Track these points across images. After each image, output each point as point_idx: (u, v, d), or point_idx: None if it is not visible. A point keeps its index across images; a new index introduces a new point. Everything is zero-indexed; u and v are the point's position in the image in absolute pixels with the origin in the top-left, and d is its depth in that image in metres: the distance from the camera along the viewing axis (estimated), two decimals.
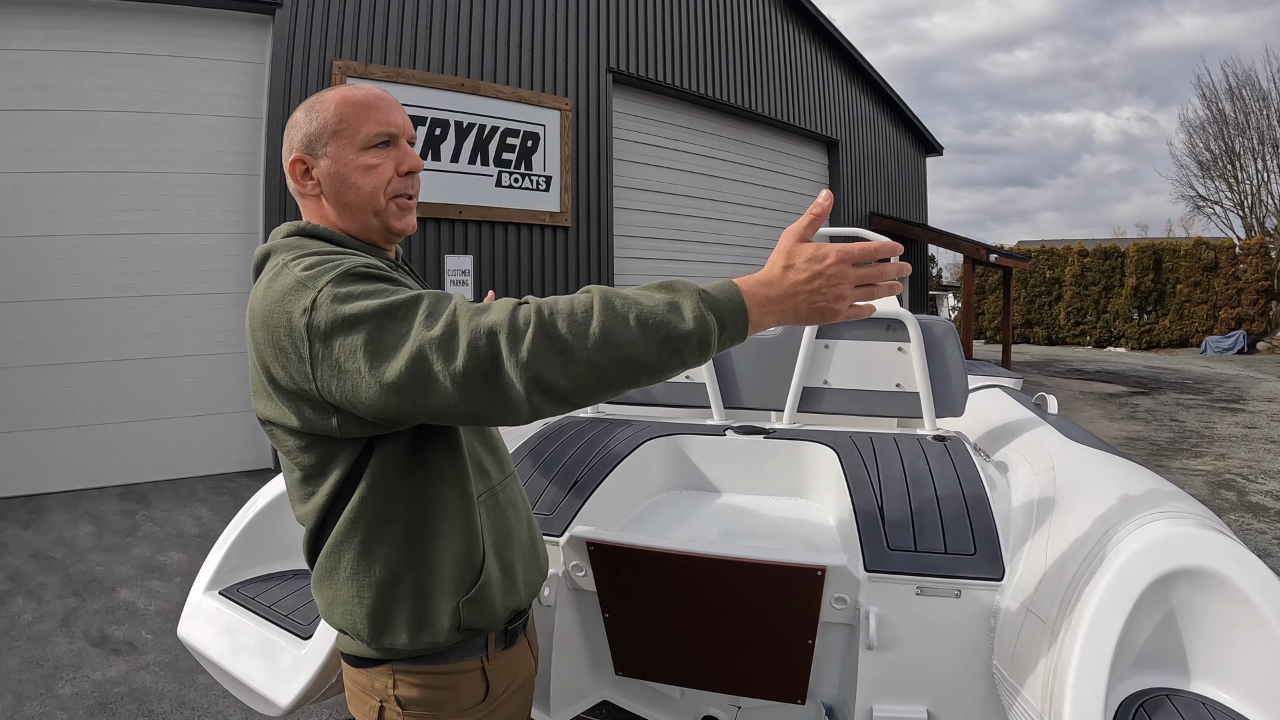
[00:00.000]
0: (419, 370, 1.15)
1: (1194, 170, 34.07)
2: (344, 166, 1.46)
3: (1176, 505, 1.84)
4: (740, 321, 1.22)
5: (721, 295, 1.22)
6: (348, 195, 1.47)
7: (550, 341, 1.14)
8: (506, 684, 1.53)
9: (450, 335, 1.15)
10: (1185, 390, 15.44)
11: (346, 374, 1.20)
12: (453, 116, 9.62)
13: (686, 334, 1.16)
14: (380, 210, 1.49)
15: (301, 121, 1.49)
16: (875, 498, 2.41)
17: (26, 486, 7.33)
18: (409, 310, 1.19)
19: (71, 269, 7.53)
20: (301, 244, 1.43)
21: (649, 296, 1.19)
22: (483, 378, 1.14)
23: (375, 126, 1.46)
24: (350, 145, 1.46)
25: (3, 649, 4.20)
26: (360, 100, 1.47)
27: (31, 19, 7.36)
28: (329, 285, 1.23)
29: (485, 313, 1.17)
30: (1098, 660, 1.53)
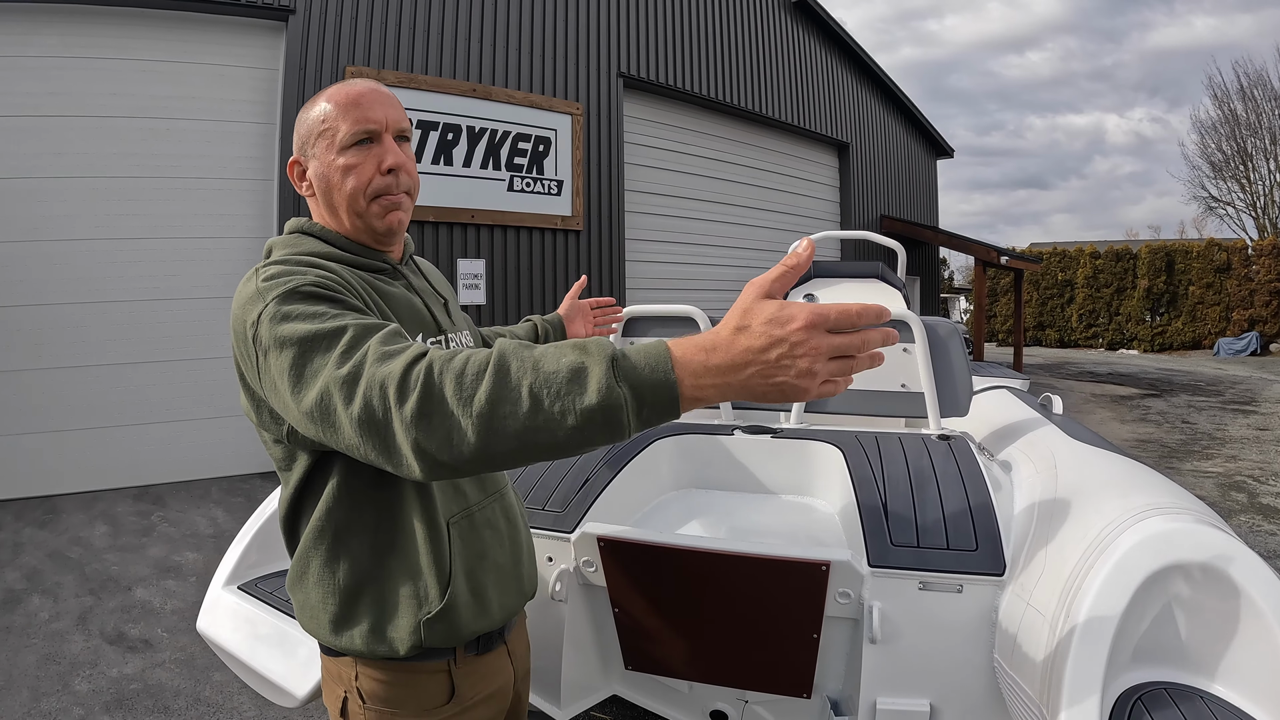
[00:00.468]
0: (326, 408, 1.10)
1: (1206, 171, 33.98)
2: (326, 168, 1.47)
3: (1175, 502, 1.86)
4: (665, 397, 0.99)
5: (642, 363, 1.00)
6: (332, 197, 1.48)
7: (433, 405, 1.01)
8: (476, 690, 1.50)
9: (353, 379, 1.08)
10: (1197, 392, 15.38)
11: (278, 393, 1.19)
12: (464, 121, 9.67)
13: (587, 410, 0.98)
14: (362, 211, 1.48)
15: (297, 123, 1.52)
16: (879, 495, 2.44)
17: (43, 487, 7.39)
18: (330, 342, 1.14)
19: (87, 273, 7.59)
20: (294, 242, 1.47)
21: (552, 360, 1.01)
22: (375, 431, 1.06)
23: (353, 125, 1.45)
24: (331, 146, 1.46)
25: (20, 646, 4.25)
26: (343, 99, 1.46)
27: (46, 25, 7.43)
28: (274, 302, 1.21)
29: (389, 360, 1.07)
30: (1095, 653, 1.55)
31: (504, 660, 1.59)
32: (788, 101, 14.62)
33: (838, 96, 16.13)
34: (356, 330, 1.15)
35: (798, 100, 14.89)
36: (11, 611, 4.72)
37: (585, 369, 0.99)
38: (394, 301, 1.48)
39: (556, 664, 2.40)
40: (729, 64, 13.28)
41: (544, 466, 2.83)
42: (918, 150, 19.75)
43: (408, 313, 1.50)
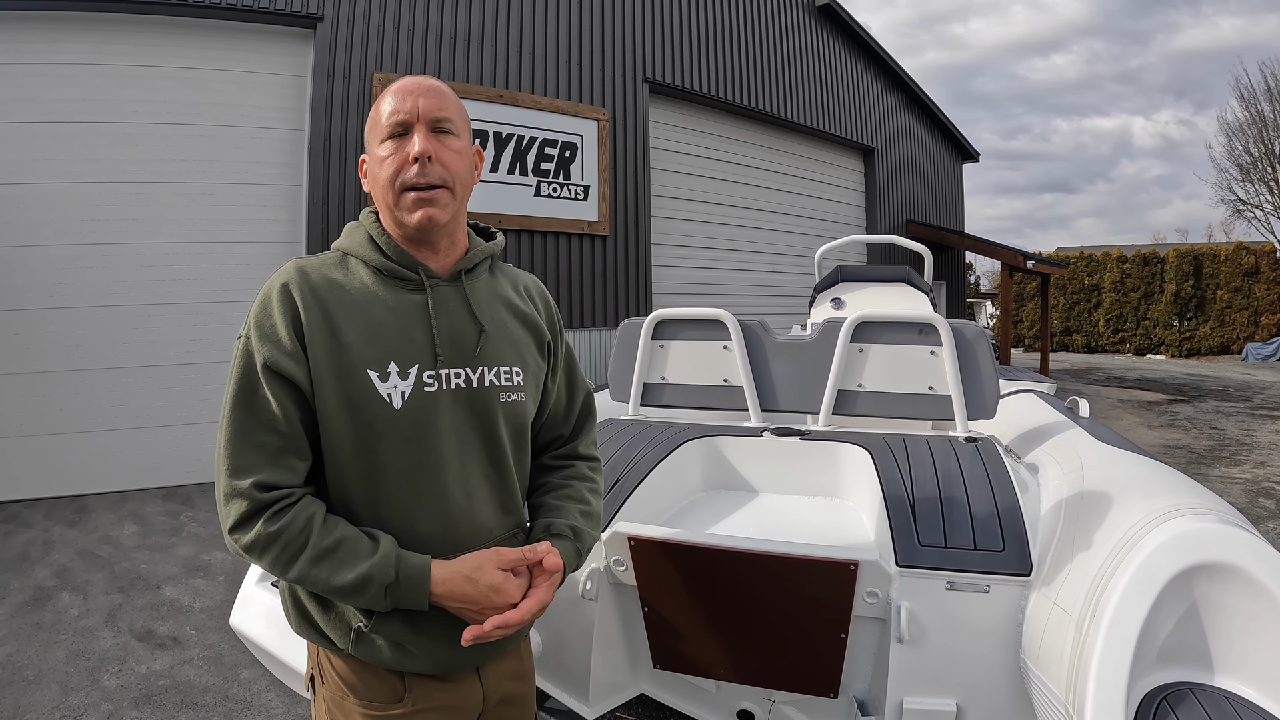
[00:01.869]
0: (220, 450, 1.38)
1: (1233, 174, 33.44)
2: (371, 161, 1.51)
3: (1200, 502, 1.85)
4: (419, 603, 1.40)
5: (407, 595, 1.39)
6: (375, 192, 1.50)
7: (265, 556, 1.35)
8: (432, 700, 1.48)
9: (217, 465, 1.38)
10: (1225, 398, 15.22)
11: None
12: (491, 127, 9.71)
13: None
14: (393, 205, 1.47)
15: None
16: (907, 496, 2.44)
17: (73, 487, 7.48)
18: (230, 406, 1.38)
19: (117, 276, 7.68)
20: (349, 231, 1.57)
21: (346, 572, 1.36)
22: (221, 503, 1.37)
23: (387, 117, 1.46)
24: (374, 139, 1.49)
25: (50, 642, 4.30)
26: (388, 92, 1.48)
27: (79, 34, 7.53)
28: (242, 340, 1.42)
29: (230, 499, 1.35)
30: (1120, 653, 1.55)
31: (471, 686, 1.54)
32: (813, 106, 14.60)
33: (863, 100, 16.09)
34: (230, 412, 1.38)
35: (823, 104, 14.86)
36: (41, 608, 4.77)
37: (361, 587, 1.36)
38: (386, 322, 1.44)
39: (585, 662, 2.41)
40: (754, 69, 13.29)
41: None
42: (943, 154, 19.67)
43: (398, 335, 1.44)
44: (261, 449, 1.35)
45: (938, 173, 19.25)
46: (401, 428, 1.42)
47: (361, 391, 1.39)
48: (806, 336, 3.52)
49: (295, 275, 1.43)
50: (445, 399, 1.47)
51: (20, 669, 4.01)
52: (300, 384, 1.38)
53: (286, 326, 1.38)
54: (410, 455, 1.43)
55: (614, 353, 3.74)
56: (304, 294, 1.40)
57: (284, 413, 1.37)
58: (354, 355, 1.39)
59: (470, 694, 1.54)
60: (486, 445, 1.54)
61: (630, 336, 3.67)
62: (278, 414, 1.36)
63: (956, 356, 3.12)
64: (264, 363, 1.36)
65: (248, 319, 1.41)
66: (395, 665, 1.45)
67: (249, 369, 1.37)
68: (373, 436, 1.41)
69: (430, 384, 1.45)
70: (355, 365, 1.39)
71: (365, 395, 1.40)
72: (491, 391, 1.54)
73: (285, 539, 1.32)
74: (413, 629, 1.44)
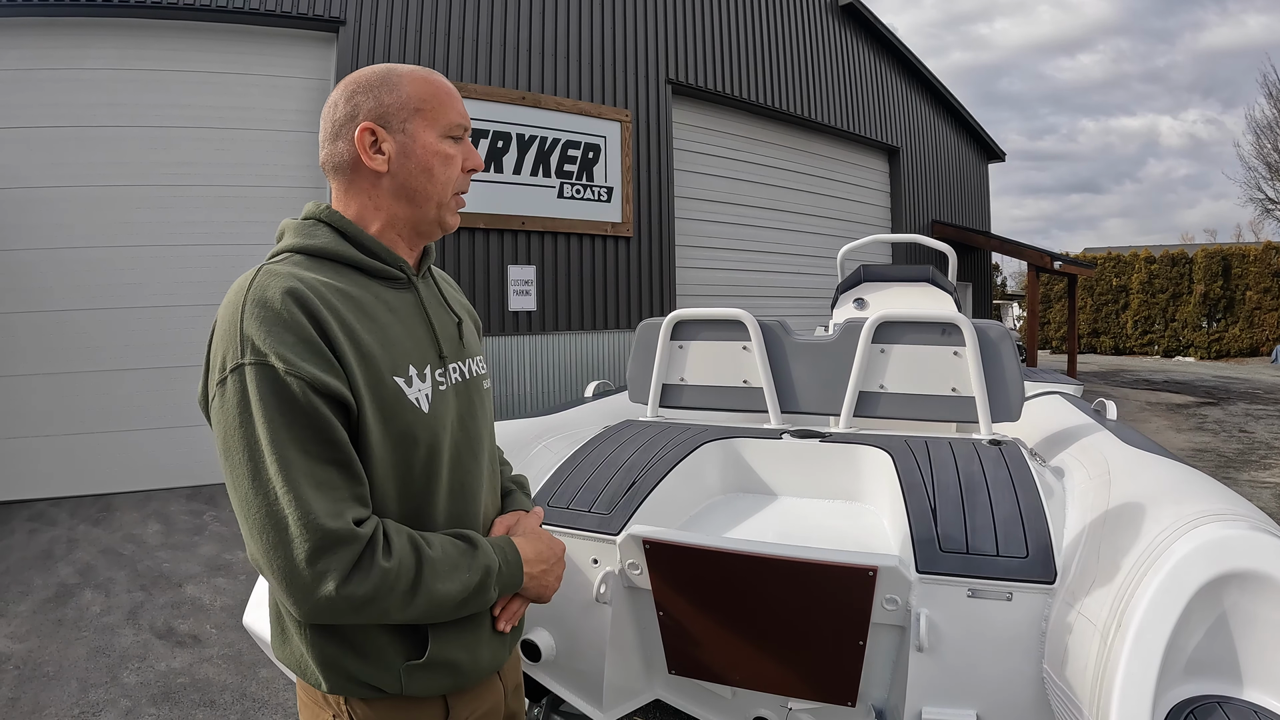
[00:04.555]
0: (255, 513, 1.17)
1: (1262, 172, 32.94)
2: (423, 149, 1.39)
3: (1230, 508, 1.80)
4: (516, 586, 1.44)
5: (510, 578, 1.41)
6: (417, 180, 1.40)
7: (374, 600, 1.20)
8: (470, 712, 1.44)
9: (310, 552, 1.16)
10: (1255, 400, 15.07)
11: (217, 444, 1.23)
12: (514, 129, 9.72)
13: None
14: (444, 203, 1.44)
15: (370, 89, 1.40)
16: (928, 500, 2.39)
17: (98, 485, 7.56)
18: (289, 481, 1.17)
19: (144, 278, 7.77)
20: (308, 231, 1.38)
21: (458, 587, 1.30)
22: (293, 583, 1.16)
23: (458, 117, 1.42)
24: (432, 128, 1.40)
25: (71, 639, 4.33)
26: (441, 85, 1.43)
27: (104, 39, 7.62)
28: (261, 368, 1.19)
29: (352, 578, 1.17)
30: (1146, 664, 1.50)
31: (495, 681, 1.53)
32: (837, 106, 14.54)
33: (887, 101, 16.03)
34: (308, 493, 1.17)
35: (847, 105, 14.81)
36: (64, 605, 4.81)
37: (480, 591, 1.34)
38: (389, 323, 1.37)
39: (599, 666, 2.39)
40: (777, 69, 13.25)
41: (590, 470, 2.82)
42: (969, 154, 19.57)
43: (406, 336, 1.39)
44: (336, 482, 1.21)
45: (963, 173, 19.15)
46: (432, 430, 1.37)
47: (393, 400, 1.30)
48: (827, 337, 3.48)
49: (293, 282, 1.24)
50: (451, 395, 1.44)
51: (40, 665, 4.04)
52: (347, 404, 1.24)
53: (315, 339, 1.22)
54: (441, 458, 1.39)
55: (632, 354, 3.72)
56: (317, 301, 1.24)
57: (342, 436, 1.23)
58: (379, 363, 1.29)
59: (495, 692, 1.53)
60: (485, 435, 1.54)
61: (649, 337, 3.64)
62: (341, 437, 1.22)
63: (980, 357, 3.07)
64: (310, 383, 1.19)
65: (242, 340, 1.20)
66: (450, 688, 1.39)
67: (285, 395, 1.17)
68: (407, 445, 1.32)
69: (441, 382, 1.42)
70: (383, 373, 1.29)
71: (397, 403, 1.31)
72: (477, 381, 1.55)
73: (403, 569, 1.22)
74: (462, 641, 1.39)
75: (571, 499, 2.62)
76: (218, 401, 1.21)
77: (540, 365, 10.00)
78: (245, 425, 1.17)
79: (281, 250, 1.36)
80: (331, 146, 1.41)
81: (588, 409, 3.86)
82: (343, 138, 1.39)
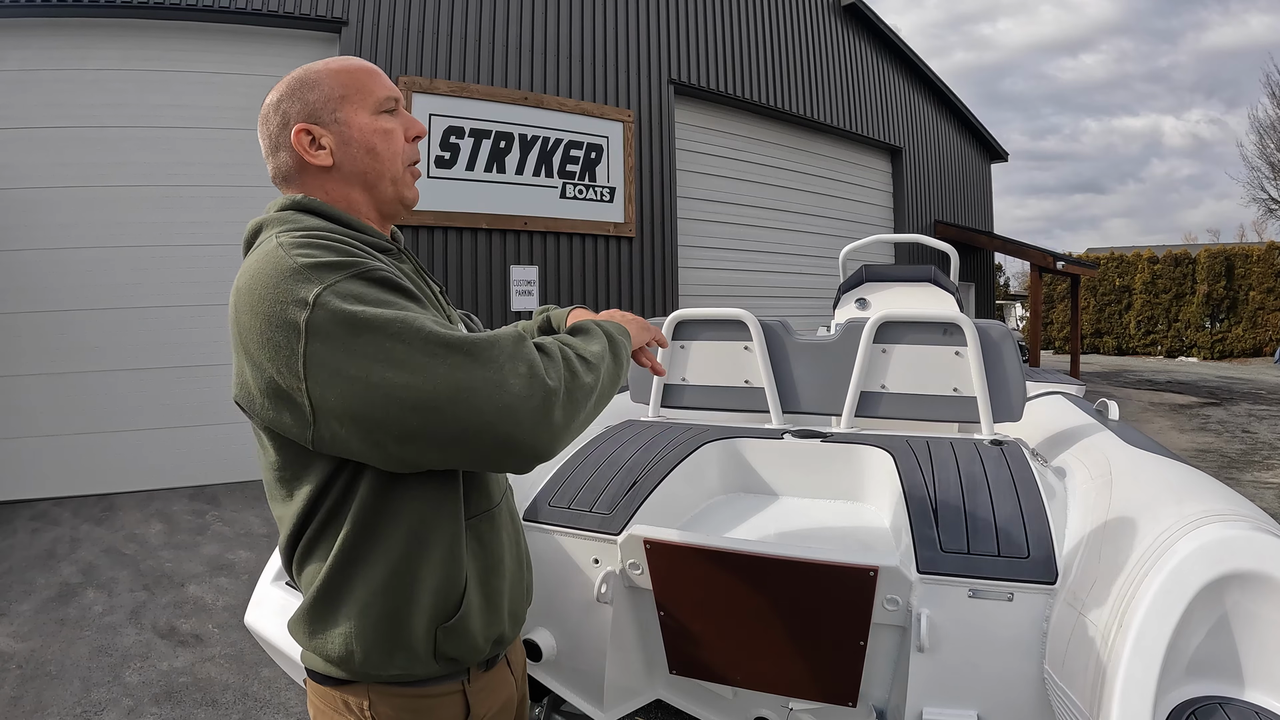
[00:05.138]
0: (444, 397, 1.10)
1: (1265, 172, 32.92)
2: (361, 132, 1.39)
3: (1232, 508, 1.79)
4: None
5: (618, 334, 1.46)
6: (363, 162, 1.40)
7: (577, 393, 1.23)
8: (487, 706, 1.45)
9: (513, 367, 1.15)
10: (1258, 401, 15.06)
11: (346, 380, 1.11)
12: (517, 129, 9.73)
13: (620, 376, 1.42)
14: (398, 178, 1.44)
15: (293, 92, 1.41)
16: (929, 500, 2.39)
17: (100, 485, 7.57)
18: (436, 334, 1.13)
19: (147, 278, 7.79)
20: (292, 220, 1.35)
21: (597, 353, 1.34)
22: (532, 416, 1.14)
23: (384, 91, 1.43)
24: (363, 110, 1.40)
25: (73, 638, 4.34)
26: (359, 67, 1.43)
27: (107, 39, 7.64)
28: (344, 279, 1.15)
29: (526, 353, 1.18)
30: (1147, 664, 1.50)
31: (506, 673, 1.55)
32: (839, 106, 14.55)
33: (890, 101, 16.03)
34: (440, 327, 1.16)
35: (849, 105, 14.81)
36: (66, 604, 4.82)
37: (616, 351, 1.41)
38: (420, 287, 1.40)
39: (600, 666, 2.39)
40: (780, 69, 13.26)
41: (591, 470, 2.82)
42: (971, 154, 19.57)
43: (424, 296, 1.36)
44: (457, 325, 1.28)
45: (966, 173, 19.15)
46: None
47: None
48: (829, 337, 3.48)
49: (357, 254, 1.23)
50: None
51: (43, 664, 4.05)
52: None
53: (371, 254, 1.26)
54: None
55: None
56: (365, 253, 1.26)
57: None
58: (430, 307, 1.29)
59: (509, 683, 1.55)
60: None
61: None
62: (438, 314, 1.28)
63: (982, 357, 3.07)
64: (389, 272, 1.21)
65: (305, 284, 1.14)
66: (486, 638, 1.40)
67: (378, 289, 1.17)
68: None
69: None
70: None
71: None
72: None
73: (559, 346, 1.28)
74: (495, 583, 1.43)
75: (572, 499, 2.62)
76: (314, 345, 1.11)
77: None
78: (370, 329, 1.11)
79: (304, 237, 1.28)
80: (275, 159, 1.43)
81: None
82: (283, 148, 1.41)
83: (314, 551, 1.31)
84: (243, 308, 1.21)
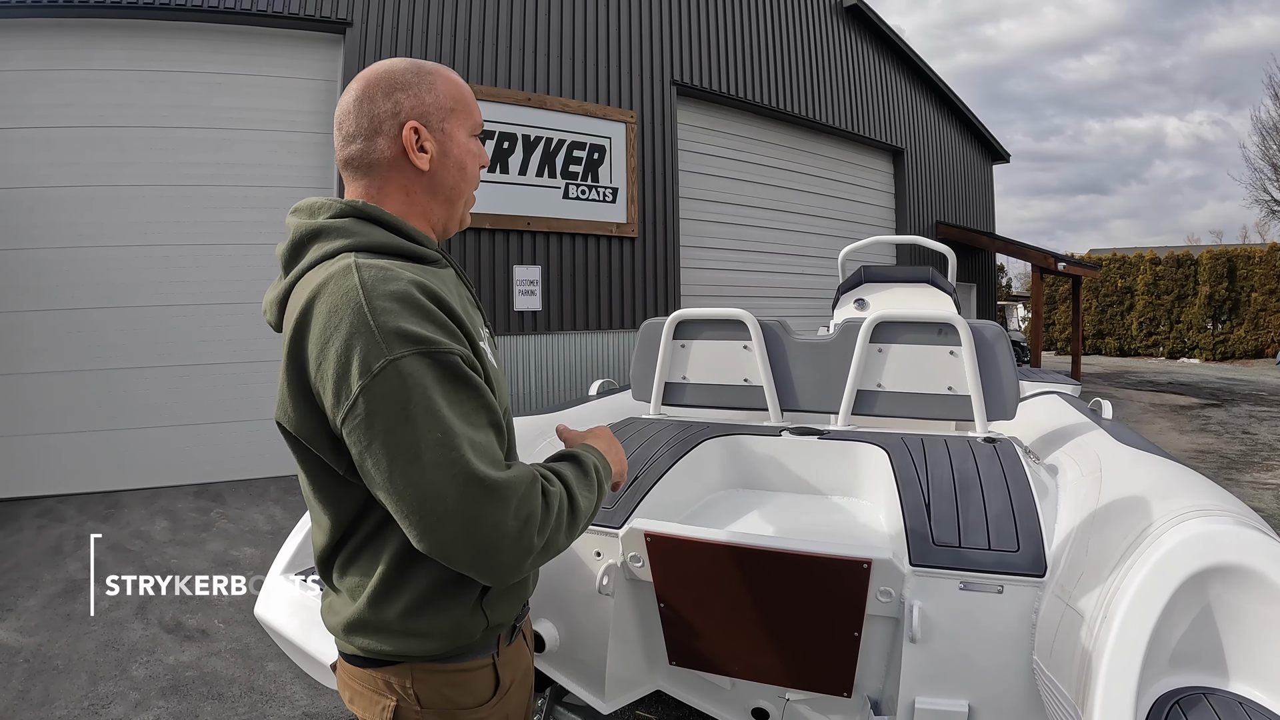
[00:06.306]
0: (444, 497, 1.15)
1: (1268, 174, 32.87)
2: (459, 148, 1.44)
3: (1216, 504, 1.83)
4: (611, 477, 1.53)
5: (605, 476, 1.49)
6: (449, 179, 1.44)
7: (550, 542, 1.25)
8: (512, 677, 1.51)
9: (505, 497, 1.18)
10: (1259, 402, 15.08)
11: (369, 457, 1.17)
12: (520, 130, 9.77)
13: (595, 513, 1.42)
14: (470, 200, 1.52)
15: (411, 85, 1.40)
16: (923, 496, 2.44)
17: (106, 483, 7.62)
18: (462, 440, 1.17)
19: (154, 278, 7.84)
20: (361, 230, 1.33)
21: (587, 500, 1.37)
22: (499, 547, 1.18)
23: (480, 116, 1.48)
24: (463, 128, 1.44)
25: (80, 633, 4.38)
26: (466, 85, 1.47)
27: (112, 40, 7.68)
28: (422, 361, 1.18)
29: (526, 491, 1.21)
30: (1130, 654, 1.53)
31: (522, 642, 1.60)
32: (841, 107, 14.58)
33: (892, 102, 16.06)
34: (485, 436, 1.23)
35: (851, 106, 14.84)
36: (72, 600, 4.86)
37: (599, 497, 1.43)
38: (458, 296, 1.42)
39: (602, 657, 2.43)
40: (782, 70, 13.28)
41: None
42: (974, 156, 19.58)
43: (469, 307, 1.46)
44: (495, 442, 1.26)
45: (968, 174, 19.16)
46: (503, 384, 1.46)
47: (487, 363, 1.36)
48: (826, 336, 3.52)
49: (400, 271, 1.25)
50: (496, 354, 1.52)
51: (50, 658, 4.09)
52: (485, 379, 1.30)
53: (447, 321, 1.25)
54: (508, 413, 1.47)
55: (635, 353, 3.76)
56: (430, 286, 1.26)
57: (492, 400, 1.28)
58: (471, 332, 1.32)
59: (526, 655, 1.61)
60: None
61: (652, 337, 3.69)
62: (491, 401, 1.28)
63: (976, 357, 3.11)
64: (462, 358, 1.22)
65: (384, 336, 1.16)
66: (519, 601, 1.52)
67: (448, 376, 1.20)
68: (500, 401, 1.39)
69: (495, 346, 1.51)
70: (477, 340, 1.33)
71: (489, 365, 1.37)
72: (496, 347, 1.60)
73: (560, 493, 1.30)
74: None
75: None
76: (364, 406, 1.16)
77: (545, 364, 10.05)
78: (417, 417, 1.15)
79: (337, 250, 1.31)
80: (367, 143, 1.39)
81: (592, 407, 3.91)
82: (384, 134, 1.38)
83: (360, 556, 1.36)
84: (313, 333, 1.23)
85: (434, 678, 1.38)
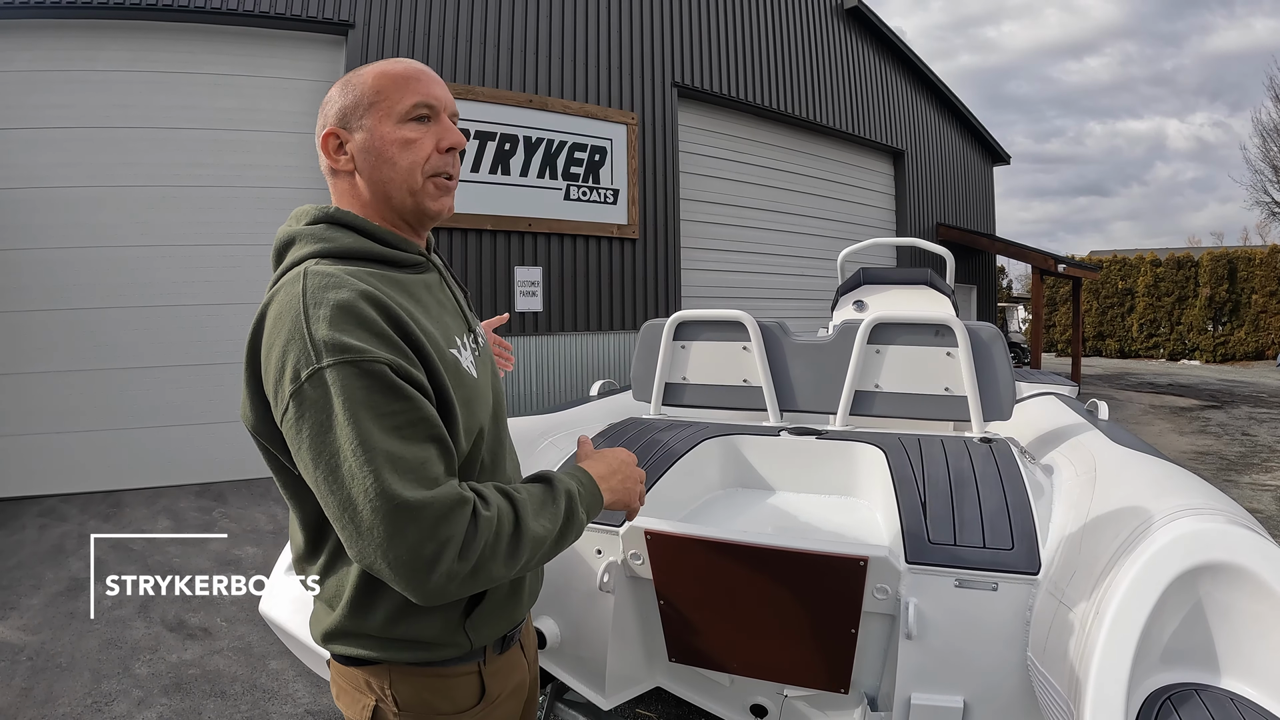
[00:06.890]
0: (359, 507, 1.13)
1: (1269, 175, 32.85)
2: (380, 140, 1.38)
3: (1208, 503, 1.85)
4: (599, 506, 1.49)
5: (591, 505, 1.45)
6: (382, 171, 1.39)
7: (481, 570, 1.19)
8: (502, 688, 1.49)
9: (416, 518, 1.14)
10: (1259, 404, 15.09)
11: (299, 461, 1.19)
12: (521, 131, 9.79)
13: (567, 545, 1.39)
14: (416, 189, 1.41)
15: (336, 96, 1.42)
16: (919, 494, 2.46)
17: (108, 482, 7.65)
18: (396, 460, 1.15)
19: (151, 277, 7.86)
20: (326, 236, 1.35)
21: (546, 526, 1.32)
22: (412, 565, 1.14)
23: (414, 98, 1.39)
24: (387, 118, 1.38)
25: (83, 631, 4.40)
26: (399, 72, 1.41)
27: (114, 40, 7.70)
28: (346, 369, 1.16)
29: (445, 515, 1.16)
30: (1121, 651, 1.55)
31: (520, 655, 1.59)
32: (842, 109, 14.59)
33: (893, 104, 16.07)
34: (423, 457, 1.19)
35: (852, 108, 14.85)
36: (75, 599, 4.88)
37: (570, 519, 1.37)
38: (430, 303, 1.41)
39: (602, 654, 2.45)
40: (783, 72, 13.30)
41: None
42: (974, 157, 19.59)
43: (445, 312, 1.45)
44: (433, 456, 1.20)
45: (968, 176, 19.17)
46: (484, 396, 1.44)
47: (455, 371, 1.34)
48: (825, 338, 3.55)
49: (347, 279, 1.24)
50: (483, 361, 1.51)
51: (53, 656, 4.11)
52: (425, 388, 1.25)
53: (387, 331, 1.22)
54: (492, 421, 1.47)
55: (636, 353, 3.79)
56: (376, 293, 1.24)
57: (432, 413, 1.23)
58: (439, 340, 1.33)
59: (522, 666, 1.59)
60: (502, 397, 1.61)
61: (652, 338, 3.71)
62: (430, 414, 1.23)
63: (972, 358, 3.14)
64: (391, 366, 1.19)
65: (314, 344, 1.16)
66: (508, 621, 1.49)
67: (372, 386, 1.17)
68: (471, 413, 1.37)
69: (476, 350, 1.48)
70: (444, 348, 1.33)
71: (460, 373, 1.35)
72: (487, 349, 1.59)
73: (503, 515, 1.23)
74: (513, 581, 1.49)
75: None
76: (294, 411, 1.17)
77: (546, 365, 10.06)
78: (337, 427, 1.14)
79: (305, 256, 1.32)
80: (320, 159, 1.45)
81: (592, 407, 3.93)
82: (321, 148, 1.43)
83: (336, 563, 1.36)
84: (264, 338, 1.25)
85: (414, 680, 1.39)
